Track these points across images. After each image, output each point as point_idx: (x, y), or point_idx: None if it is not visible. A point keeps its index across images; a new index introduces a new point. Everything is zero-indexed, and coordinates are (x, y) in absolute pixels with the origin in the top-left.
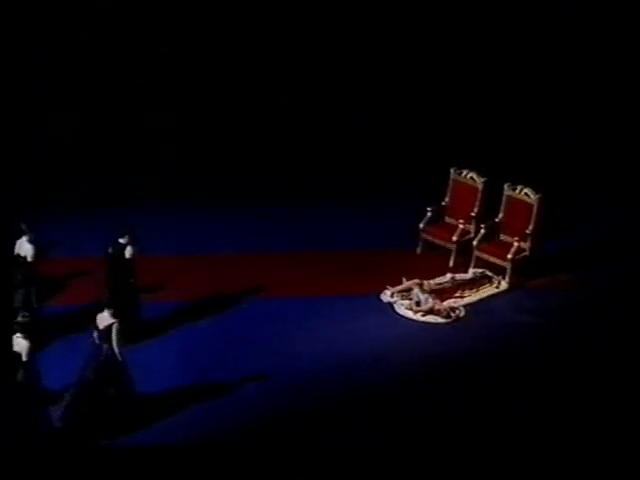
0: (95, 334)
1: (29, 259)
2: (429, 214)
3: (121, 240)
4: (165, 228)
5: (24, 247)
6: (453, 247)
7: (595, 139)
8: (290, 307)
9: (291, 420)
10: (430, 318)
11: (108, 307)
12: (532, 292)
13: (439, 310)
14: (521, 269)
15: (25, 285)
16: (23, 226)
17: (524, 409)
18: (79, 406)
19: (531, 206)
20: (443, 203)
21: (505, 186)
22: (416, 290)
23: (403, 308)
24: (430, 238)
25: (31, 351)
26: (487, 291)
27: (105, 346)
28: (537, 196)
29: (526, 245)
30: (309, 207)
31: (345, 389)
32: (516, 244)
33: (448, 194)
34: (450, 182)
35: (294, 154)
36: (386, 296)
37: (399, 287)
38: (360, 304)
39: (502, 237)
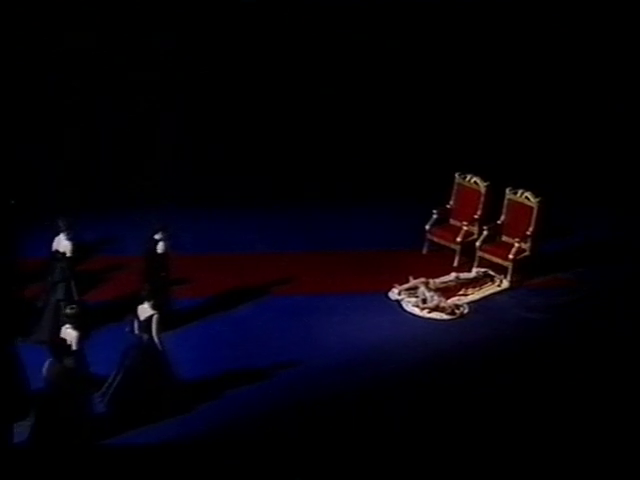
0: (136, 324)
1: (68, 254)
2: (435, 216)
3: (155, 236)
4: (184, 228)
5: (62, 244)
6: (457, 248)
7: (592, 144)
8: (304, 304)
9: (304, 409)
10: (435, 315)
11: (148, 299)
12: (532, 290)
13: (444, 307)
14: (522, 268)
15: (64, 279)
16: (61, 224)
17: (524, 399)
18: (122, 392)
19: (531, 209)
20: (448, 206)
21: (507, 190)
22: (422, 288)
23: (410, 305)
24: (435, 239)
25: (79, 340)
26: (489, 289)
27: (145, 336)
28: (537, 199)
29: (526, 246)
30: (322, 210)
31: (355, 380)
32: (517, 245)
33: (453, 197)
34: (455, 186)
35: (312, 159)
36: (394, 294)
37: (406, 285)
38: (369, 301)
39: (504, 238)
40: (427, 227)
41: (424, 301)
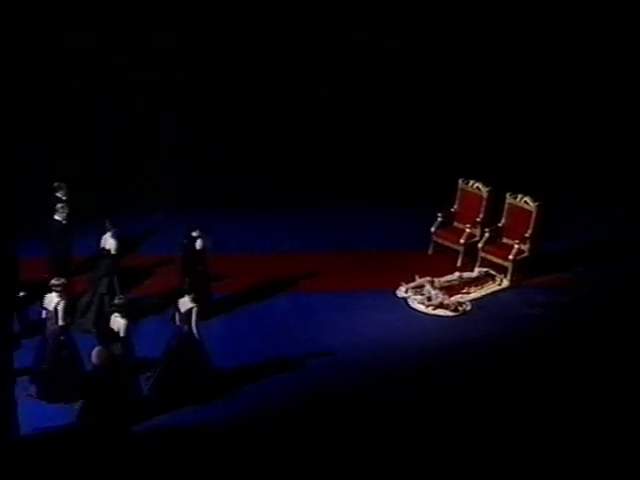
0: (177, 316)
1: (112, 252)
2: (439, 219)
3: (193, 234)
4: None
5: (108, 241)
6: (461, 249)
7: (591, 147)
8: (319, 301)
9: (318, 398)
10: (440, 311)
11: (189, 293)
12: (531, 288)
13: (448, 304)
14: (521, 268)
15: (108, 274)
16: (107, 223)
17: (524, 392)
18: (164, 377)
19: (530, 213)
20: (452, 209)
21: (507, 195)
22: (428, 287)
23: (416, 302)
24: (440, 241)
25: (127, 329)
26: (490, 288)
27: (185, 327)
28: (535, 204)
29: (525, 247)
30: (337, 214)
31: (365, 372)
32: (517, 246)
33: (456, 201)
34: (458, 191)
35: (330, 168)
36: (401, 292)
37: (412, 284)
38: (378, 299)
39: (504, 240)
40: (432, 229)
41: (429, 299)
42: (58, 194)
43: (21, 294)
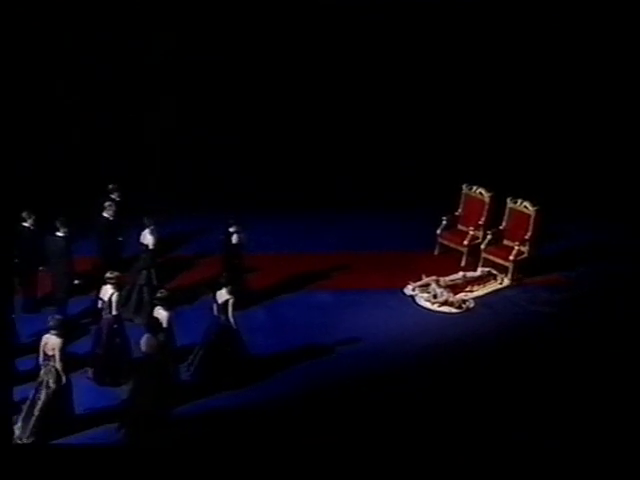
0: (215, 307)
1: (150, 247)
2: (444, 222)
3: (230, 229)
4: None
5: (147, 238)
6: (464, 250)
7: (589, 155)
8: (332, 298)
9: (332, 389)
10: (445, 308)
11: (225, 286)
12: (530, 287)
13: (452, 302)
14: (521, 268)
15: (146, 268)
16: (146, 220)
17: (523, 383)
18: (203, 363)
19: (529, 216)
20: (456, 213)
21: (508, 200)
22: (433, 285)
23: (422, 300)
24: (445, 242)
25: (169, 319)
26: (492, 286)
27: (222, 317)
28: (534, 208)
29: (525, 249)
30: (349, 217)
31: (374, 364)
32: (517, 248)
33: (461, 206)
34: (462, 196)
35: (344, 176)
36: (408, 290)
37: (419, 282)
38: (387, 296)
39: (505, 242)
40: (438, 232)
41: (435, 296)
42: (112, 195)
43: (75, 282)
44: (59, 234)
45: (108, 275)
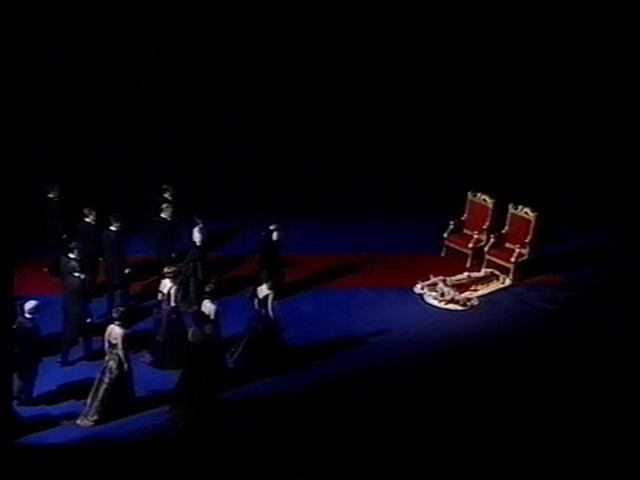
0: (256, 301)
1: (197, 243)
2: (451, 226)
3: (270, 227)
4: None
5: (195, 235)
6: (469, 252)
7: (581, 165)
8: (346, 296)
9: (348, 381)
10: (451, 306)
11: (266, 281)
12: (530, 287)
13: (458, 300)
14: (521, 269)
15: (193, 262)
16: (195, 218)
17: (524, 377)
18: (246, 353)
19: (530, 221)
20: (462, 218)
21: (510, 206)
22: (440, 284)
23: (431, 298)
24: (452, 245)
25: (216, 312)
26: (495, 286)
27: (263, 310)
28: (534, 214)
29: (525, 251)
30: (363, 220)
31: (385, 358)
32: (518, 250)
33: (466, 211)
34: (468, 202)
35: (357, 183)
36: (417, 289)
37: (427, 282)
38: (398, 295)
39: (507, 245)
40: (445, 235)
41: (442, 295)
42: (165, 195)
43: (127, 271)
44: (112, 228)
45: (166, 270)
